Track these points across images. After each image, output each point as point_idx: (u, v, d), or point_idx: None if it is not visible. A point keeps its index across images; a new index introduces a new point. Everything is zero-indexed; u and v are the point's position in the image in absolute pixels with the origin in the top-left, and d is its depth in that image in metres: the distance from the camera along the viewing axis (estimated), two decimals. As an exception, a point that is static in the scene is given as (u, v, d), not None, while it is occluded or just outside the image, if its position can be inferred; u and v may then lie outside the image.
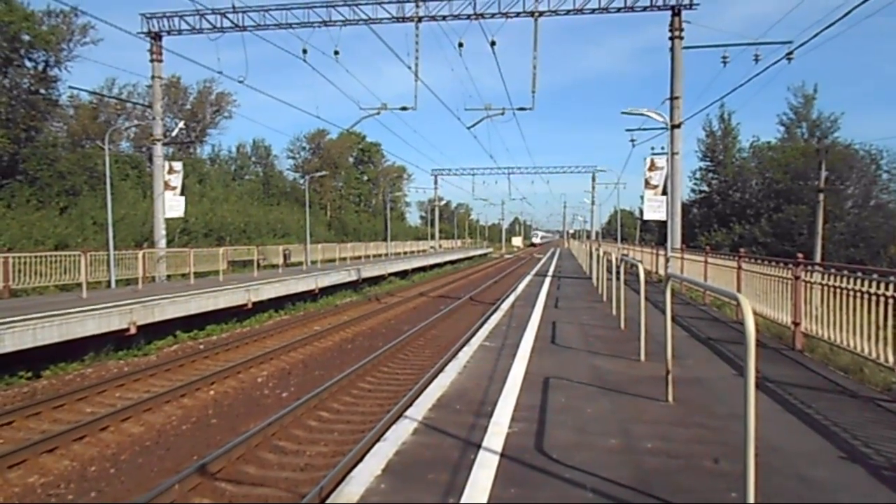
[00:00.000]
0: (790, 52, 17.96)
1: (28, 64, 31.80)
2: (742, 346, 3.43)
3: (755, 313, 4.05)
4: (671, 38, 19.99)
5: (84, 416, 9.60)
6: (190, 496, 6.53)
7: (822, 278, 8.40)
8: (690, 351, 8.98)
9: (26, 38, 30.11)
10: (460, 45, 22.37)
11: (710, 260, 15.54)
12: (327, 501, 4.11)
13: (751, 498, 3.39)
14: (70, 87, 38.12)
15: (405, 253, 54.34)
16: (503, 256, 75.69)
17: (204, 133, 57.08)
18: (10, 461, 7.30)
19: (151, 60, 24.21)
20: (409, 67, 22.66)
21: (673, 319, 6.42)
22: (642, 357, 8.11)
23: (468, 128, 29.36)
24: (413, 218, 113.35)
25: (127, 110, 45.62)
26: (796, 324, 9.04)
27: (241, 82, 23.17)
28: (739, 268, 12.29)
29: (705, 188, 58.67)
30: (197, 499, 6.51)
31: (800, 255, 9.82)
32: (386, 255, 48.94)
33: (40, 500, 6.64)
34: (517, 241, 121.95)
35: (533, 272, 28.52)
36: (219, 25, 22.84)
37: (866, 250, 43.91)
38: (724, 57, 20.30)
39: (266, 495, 6.64)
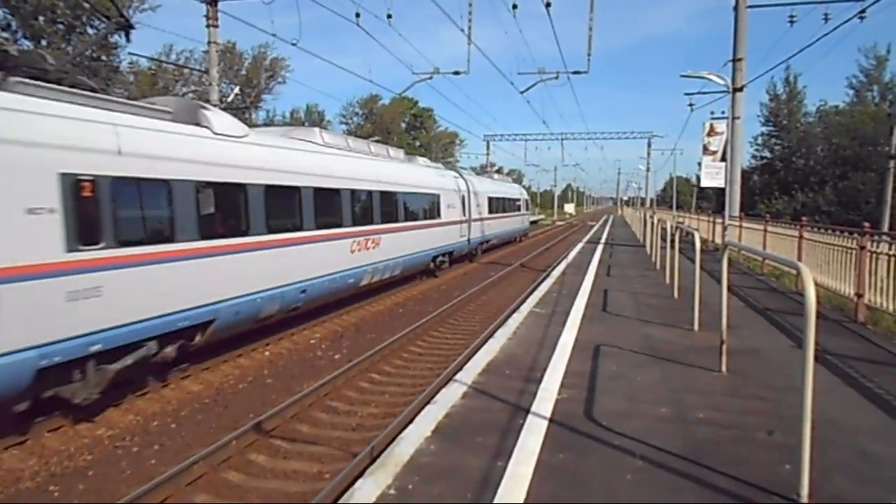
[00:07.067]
0: (863, 11, 17.02)
1: (90, 31, 32.64)
2: (801, 317, 3.34)
3: (816, 284, 3.93)
4: (735, -3, 19.18)
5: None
6: (247, 452, 6.78)
7: (890, 249, 8.11)
8: (746, 321, 8.80)
9: (87, 5, 30.82)
10: (514, 7, 21.94)
11: (769, 228, 15.13)
12: (378, 460, 4.21)
13: (805, 470, 3.33)
14: (130, 54, 39.03)
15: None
16: (554, 224, 74.92)
17: (259, 98, 57.77)
18: (79, 415, 7.69)
19: (208, 26, 24.43)
20: (463, 31, 22.45)
21: (729, 289, 6.29)
22: (696, 326, 7.99)
23: (521, 92, 29.15)
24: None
25: (184, 76, 46.52)
26: (859, 295, 8.76)
27: (294, 45, 23.27)
28: (801, 237, 11.93)
29: (767, 154, 56.53)
30: (253, 455, 6.75)
31: (866, 224, 9.47)
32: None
33: (107, 451, 6.98)
34: (570, 207, 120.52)
35: (585, 239, 28.24)
36: (273, -11, 22.93)
37: (938, 220, 41.94)
38: (792, 16, 19.38)
39: (320, 453, 6.84)
